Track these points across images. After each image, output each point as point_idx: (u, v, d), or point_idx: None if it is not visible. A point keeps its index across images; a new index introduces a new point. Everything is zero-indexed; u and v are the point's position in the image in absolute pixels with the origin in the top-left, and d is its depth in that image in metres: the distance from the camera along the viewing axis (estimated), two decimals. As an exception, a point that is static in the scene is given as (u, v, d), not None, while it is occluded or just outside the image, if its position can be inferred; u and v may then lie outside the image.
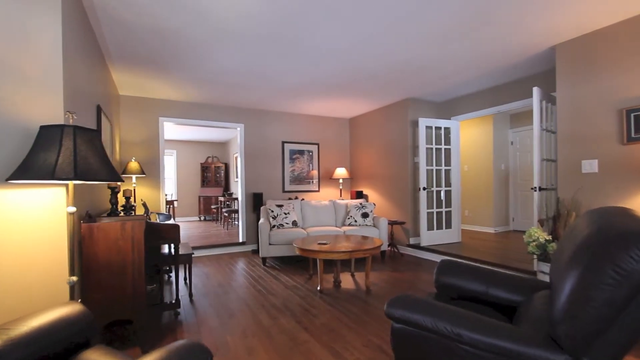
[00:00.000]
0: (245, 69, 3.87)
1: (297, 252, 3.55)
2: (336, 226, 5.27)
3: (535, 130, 3.61)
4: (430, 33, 3.02)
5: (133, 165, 4.44)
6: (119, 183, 3.14)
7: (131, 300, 2.19)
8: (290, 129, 6.12)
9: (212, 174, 9.69)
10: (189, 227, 8.02)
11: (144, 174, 4.53)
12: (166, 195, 7.54)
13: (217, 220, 8.91)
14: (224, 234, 6.73)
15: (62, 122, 1.81)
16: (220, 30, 2.89)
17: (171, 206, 7.10)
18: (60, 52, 1.84)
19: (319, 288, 3.45)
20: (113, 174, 1.71)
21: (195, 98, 5.06)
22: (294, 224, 4.92)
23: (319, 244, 3.63)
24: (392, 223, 5.06)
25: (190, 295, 3.32)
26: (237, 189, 8.49)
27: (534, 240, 3.22)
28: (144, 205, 3.35)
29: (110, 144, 3.64)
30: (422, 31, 2.98)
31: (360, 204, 5.22)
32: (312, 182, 6.32)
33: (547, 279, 3.17)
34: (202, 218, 9.72)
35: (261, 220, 4.75)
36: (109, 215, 2.65)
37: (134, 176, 4.50)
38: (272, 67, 3.82)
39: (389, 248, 5.32)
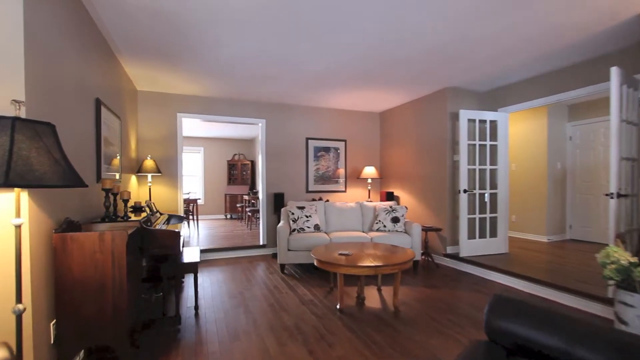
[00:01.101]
0: (261, 56, 3.49)
1: (316, 264, 3.12)
2: (363, 231, 4.77)
3: (614, 121, 2.87)
4: (475, 6, 2.42)
5: (148, 163, 4.25)
6: (117, 184, 2.89)
7: (111, 323, 1.88)
8: (315, 124, 5.68)
9: (239, 172, 9.54)
10: (214, 226, 7.90)
11: (159, 172, 4.34)
12: (189, 193, 7.46)
13: (242, 219, 8.74)
14: (246, 235, 6.48)
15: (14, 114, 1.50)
16: (231, 10, 2.51)
17: (194, 205, 7.00)
18: (21, 32, 1.54)
19: (338, 307, 3.00)
20: (70, 177, 1.37)
21: (214, 92, 4.79)
22: (316, 228, 4.49)
23: (341, 254, 3.16)
24: (426, 229, 4.46)
25: (196, 307, 3.02)
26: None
27: (612, 262, 2.52)
28: (147, 206, 3.09)
29: (119, 141, 3.43)
30: (465, 4, 2.39)
31: (390, 207, 4.67)
32: (339, 181, 5.85)
33: (630, 312, 2.47)
34: (229, 216, 9.62)
35: (280, 224, 4.37)
36: (103, 220, 2.38)
37: (149, 175, 4.32)
38: (291, 52, 3.40)
39: (423, 257, 4.73)
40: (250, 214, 7.16)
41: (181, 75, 4.01)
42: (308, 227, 4.45)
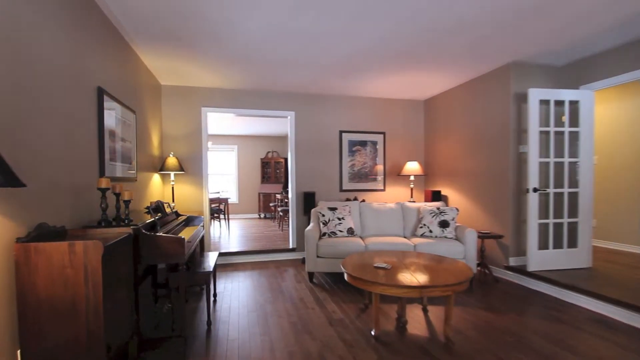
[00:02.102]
0: (282, 35, 3.02)
1: (346, 278, 2.58)
2: (404, 236, 4.13)
3: None
4: None
5: (170, 161, 4.01)
6: (120, 183, 2.59)
7: (86, 353, 1.52)
8: (350, 115, 5.12)
9: (272, 170, 9.28)
10: (245, 226, 7.69)
11: (182, 170, 4.08)
12: (219, 192, 7.29)
13: (275, 218, 8.44)
14: (277, 237, 6.11)
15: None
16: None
17: (225, 204, 6.81)
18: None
19: (373, 332, 2.43)
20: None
21: (238, 84, 4.44)
22: (350, 232, 3.95)
23: (378, 267, 2.59)
24: (483, 236, 3.70)
25: (209, 323, 2.64)
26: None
27: None
28: (157, 207, 2.77)
29: (134, 137, 3.17)
30: None
31: (438, 208, 3.97)
32: (376, 179, 5.24)
33: None
34: (262, 216, 9.41)
35: (309, 227, 3.89)
36: (99, 225, 2.07)
37: (172, 173, 4.09)
38: (318, 27, 2.88)
39: (479, 269, 3.96)
40: (282, 213, 6.80)
41: (200, 63, 3.68)
42: (340, 231, 3.92)
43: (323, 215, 4.00)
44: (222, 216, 6.95)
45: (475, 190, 4.29)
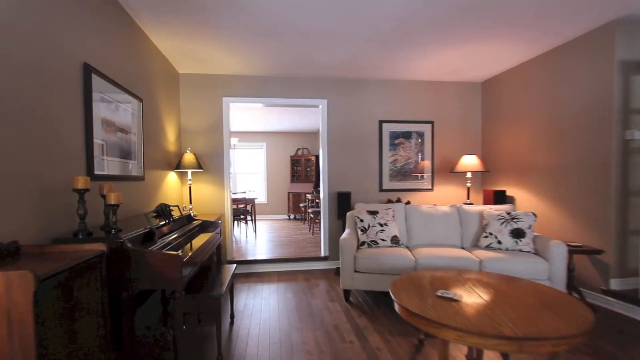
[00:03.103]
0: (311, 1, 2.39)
1: (398, 311, 1.89)
2: (462, 247, 3.35)
3: None
4: None
5: (188, 157, 3.54)
6: (106, 183, 2.10)
7: None
8: (391, 102, 4.39)
9: (302, 168, 8.72)
10: (273, 228, 7.19)
11: (200, 168, 3.60)
12: (244, 192, 6.84)
13: (305, 220, 7.87)
14: (307, 241, 5.52)
15: None
16: None
17: (252, 205, 6.34)
18: None
19: (441, 393, 1.72)
20: None
21: (263, 69, 3.88)
22: (394, 241, 3.24)
23: (442, 297, 1.88)
24: (575, 251, 2.83)
25: (219, 353, 2.07)
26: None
27: None
28: (161, 211, 2.25)
29: (140, 128, 2.70)
30: None
31: (508, 213, 3.15)
32: (422, 177, 4.46)
33: None
34: (292, 217, 8.88)
35: (344, 234, 3.24)
36: (75, 237, 1.57)
37: (189, 171, 3.62)
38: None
39: (566, 292, 3.07)
40: (312, 215, 6.20)
41: (218, 42, 3.15)
42: (383, 240, 3.22)
43: (361, 221, 3.32)
44: (248, 217, 6.49)
45: (555, 191, 3.38)
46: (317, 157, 8.59)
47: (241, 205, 6.32)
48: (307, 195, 7.36)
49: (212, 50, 3.32)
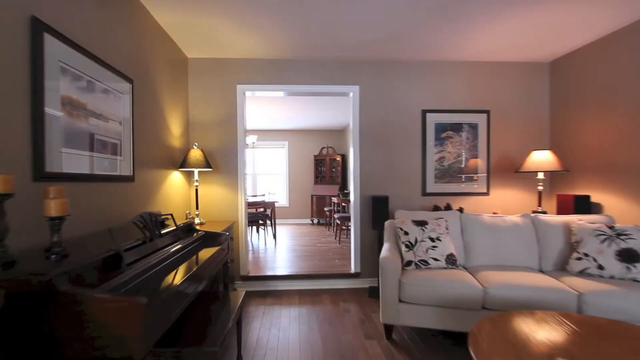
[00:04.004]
0: None
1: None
2: (541, 270, 2.55)
3: None
4: None
5: (194, 154, 2.97)
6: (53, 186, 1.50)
7: None
8: (437, 88, 3.63)
9: (327, 168, 8.05)
10: (295, 234, 6.57)
11: (209, 167, 3.02)
12: (263, 195, 6.24)
13: (330, 225, 7.19)
14: (334, 252, 4.83)
15: None
16: None
17: (271, 209, 5.74)
18: None
19: None
20: None
21: (283, 50, 3.26)
22: (450, 261, 2.49)
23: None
24: None
25: None
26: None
27: None
28: (145, 221, 1.65)
29: (129, 116, 2.15)
30: None
31: (611, 227, 2.32)
32: (476, 178, 3.65)
33: None
34: (315, 221, 8.23)
35: (385, 251, 2.53)
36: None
37: (195, 170, 3.05)
38: None
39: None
40: (339, 221, 5.51)
41: (229, 16, 2.55)
42: (435, 260, 2.48)
43: (406, 233, 2.60)
44: (268, 222, 5.91)
45: (673, 197, 2.50)
46: (343, 156, 7.90)
47: (260, 209, 5.74)
48: (332, 198, 6.69)
49: (224, 27, 2.73)
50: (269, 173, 8.45)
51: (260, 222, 5.52)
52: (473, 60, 3.62)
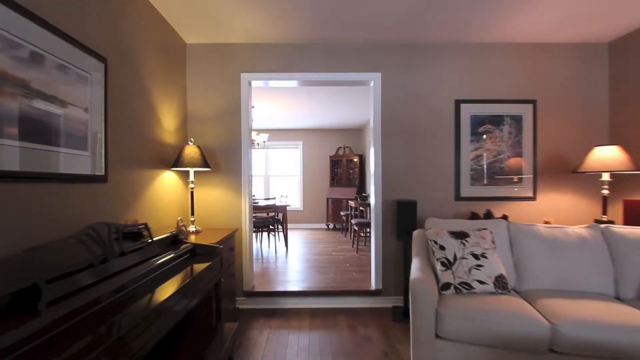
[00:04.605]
0: None
1: None
2: (617, 297, 1.99)
3: None
4: None
5: (189, 151, 2.57)
6: None
7: None
8: (473, 75, 3.09)
9: (344, 170, 7.56)
10: (309, 241, 6.11)
11: (207, 166, 2.62)
12: (274, 199, 5.80)
13: (347, 230, 6.69)
14: (351, 262, 4.34)
15: None
16: None
17: (283, 213, 5.30)
18: None
19: None
20: None
21: (295, 33, 2.82)
22: (500, 284, 1.97)
23: None
24: None
25: None
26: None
27: None
28: (93, 237, 1.23)
29: (101, 102, 1.76)
30: None
31: None
32: (518, 180, 3.08)
33: None
34: (331, 226, 7.75)
35: (415, 271, 2.03)
36: None
37: (190, 170, 2.65)
38: None
39: None
40: (356, 227, 5.00)
41: (225, -19, 2.14)
42: (481, 283, 1.96)
43: (442, 248, 2.09)
44: (279, 227, 5.48)
45: None
46: (361, 156, 7.39)
47: (270, 213, 5.32)
48: (349, 201, 6.20)
49: (227, 4, 2.32)
50: (282, 175, 8.04)
51: (271, 227, 5.10)
52: (517, 42, 3.06)
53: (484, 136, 3.08)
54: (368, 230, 5.94)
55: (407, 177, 3.09)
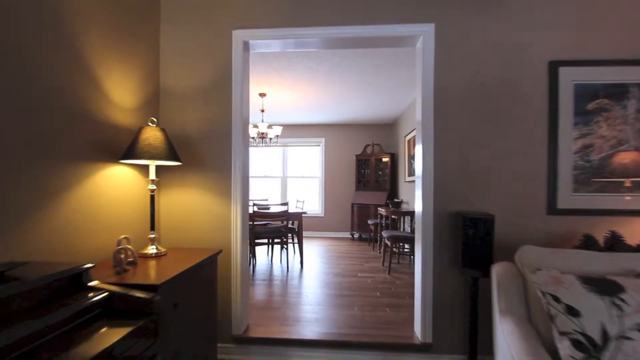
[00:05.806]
0: None
1: None
2: None
3: None
4: None
5: (147, 135, 1.73)
6: None
7: None
8: (578, 25, 2.04)
9: (372, 171, 6.55)
10: (330, 255, 5.17)
11: (175, 160, 1.77)
12: (286, 204, 4.83)
13: (375, 241, 5.67)
14: (383, 289, 3.36)
15: None
16: None
17: (298, 222, 4.38)
18: None
19: None
20: None
21: (305, -39, 1.93)
22: None
23: None
24: None
25: None
26: (412, 194, 4.97)
27: None
28: None
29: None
30: None
31: None
32: (647, 185, 1.98)
33: None
34: (356, 236, 6.76)
35: (522, 355, 1.03)
36: None
37: (151, 164, 1.80)
38: None
39: None
40: (388, 241, 4.00)
41: None
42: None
43: (573, 313, 1.09)
44: (292, 240, 4.57)
45: None
46: (392, 155, 6.35)
47: (281, 222, 4.43)
48: (378, 208, 5.19)
49: None
50: (301, 176, 7.17)
51: (283, 238, 4.21)
52: (650, -30, 1.98)
53: (597, 117, 2.01)
54: (404, 245, 4.91)
55: (471, 179, 2.08)
